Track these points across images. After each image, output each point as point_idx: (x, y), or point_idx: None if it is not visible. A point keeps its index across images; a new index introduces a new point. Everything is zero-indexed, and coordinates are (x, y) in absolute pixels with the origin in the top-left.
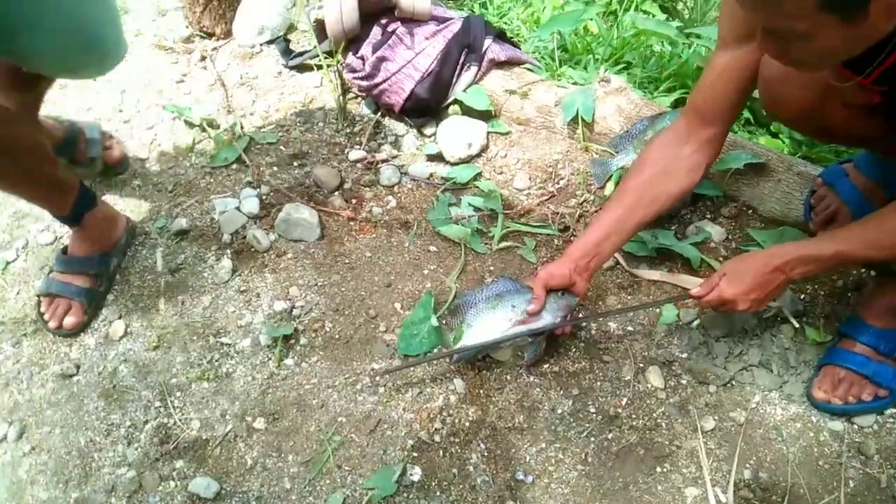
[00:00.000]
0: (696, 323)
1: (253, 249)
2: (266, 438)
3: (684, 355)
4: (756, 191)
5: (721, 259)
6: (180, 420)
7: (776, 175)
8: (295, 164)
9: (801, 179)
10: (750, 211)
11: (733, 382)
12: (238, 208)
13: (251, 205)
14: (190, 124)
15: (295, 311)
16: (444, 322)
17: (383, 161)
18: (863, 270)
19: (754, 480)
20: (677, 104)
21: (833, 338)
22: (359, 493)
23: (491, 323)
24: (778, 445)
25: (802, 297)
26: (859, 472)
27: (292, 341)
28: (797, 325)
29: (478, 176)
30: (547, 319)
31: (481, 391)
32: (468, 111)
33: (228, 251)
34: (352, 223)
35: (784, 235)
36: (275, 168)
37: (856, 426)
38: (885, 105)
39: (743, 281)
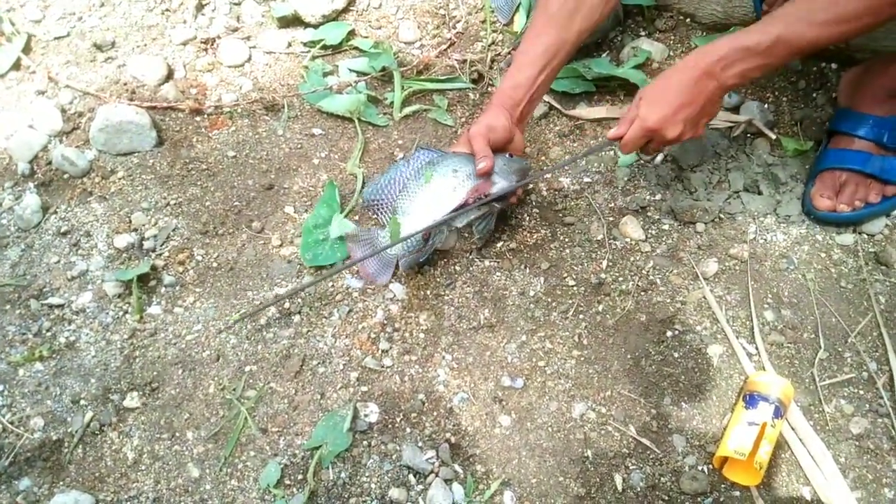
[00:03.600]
0: (660, 158)
1: (66, 176)
2: (147, 418)
3: (658, 196)
4: None
5: None
6: (11, 422)
7: None
8: (100, 58)
9: None
10: (688, 19)
11: (722, 215)
12: (32, 126)
13: (50, 118)
14: None
15: (147, 244)
16: (357, 218)
17: (220, 37)
18: (823, 64)
19: (779, 320)
20: None
21: (815, 143)
22: (301, 457)
23: (434, 199)
24: (792, 275)
25: (766, 106)
26: (886, 285)
27: (153, 282)
28: (773, 137)
29: (350, 35)
30: (502, 184)
31: (428, 292)
32: None
33: (31, 184)
34: (198, 118)
35: None
36: (73, 68)
37: (865, 235)
38: None
39: (665, 99)
